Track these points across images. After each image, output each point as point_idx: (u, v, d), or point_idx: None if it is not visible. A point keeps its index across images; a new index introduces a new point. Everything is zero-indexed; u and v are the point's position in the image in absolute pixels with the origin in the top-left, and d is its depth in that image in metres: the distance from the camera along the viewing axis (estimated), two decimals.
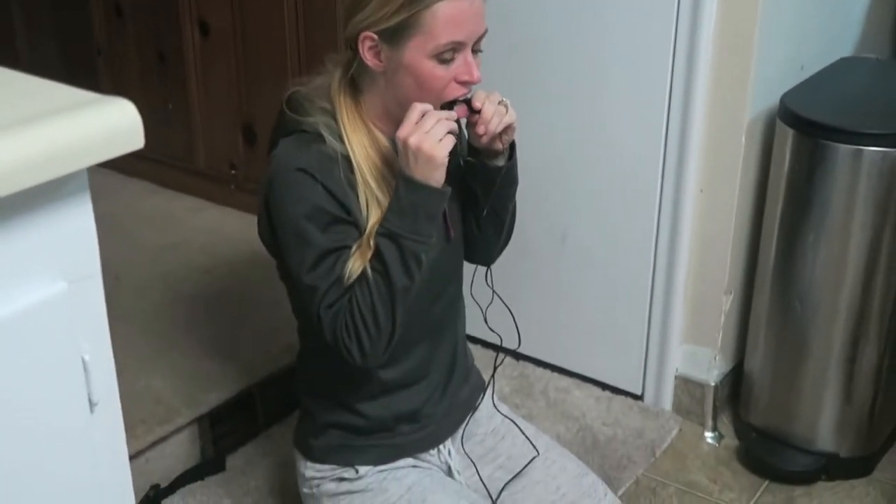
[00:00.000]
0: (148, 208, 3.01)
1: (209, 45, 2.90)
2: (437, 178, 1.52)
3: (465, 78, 1.55)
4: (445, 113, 1.53)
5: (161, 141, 3.00)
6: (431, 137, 1.49)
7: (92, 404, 1.04)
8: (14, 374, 0.97)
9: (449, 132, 1.51)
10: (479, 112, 1.57)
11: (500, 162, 1.68)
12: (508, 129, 1.61)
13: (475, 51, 1.57)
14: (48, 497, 1.04)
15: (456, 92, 1.56)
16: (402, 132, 1.50)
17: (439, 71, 1.54)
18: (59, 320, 0.99)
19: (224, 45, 2.86)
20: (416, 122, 1.50)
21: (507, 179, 1.71)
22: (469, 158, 1.69)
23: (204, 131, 3.02)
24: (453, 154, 1.57)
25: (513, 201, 1.78)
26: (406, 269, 1.53)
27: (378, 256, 1.53)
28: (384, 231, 1.53)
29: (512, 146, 1.68)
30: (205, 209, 3.02)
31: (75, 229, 0.99)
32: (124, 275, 2.58)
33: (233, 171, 3.00)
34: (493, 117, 1.57)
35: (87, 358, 1.02)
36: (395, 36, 1.53)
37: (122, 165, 3.15)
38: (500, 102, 1.58)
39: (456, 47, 1.53)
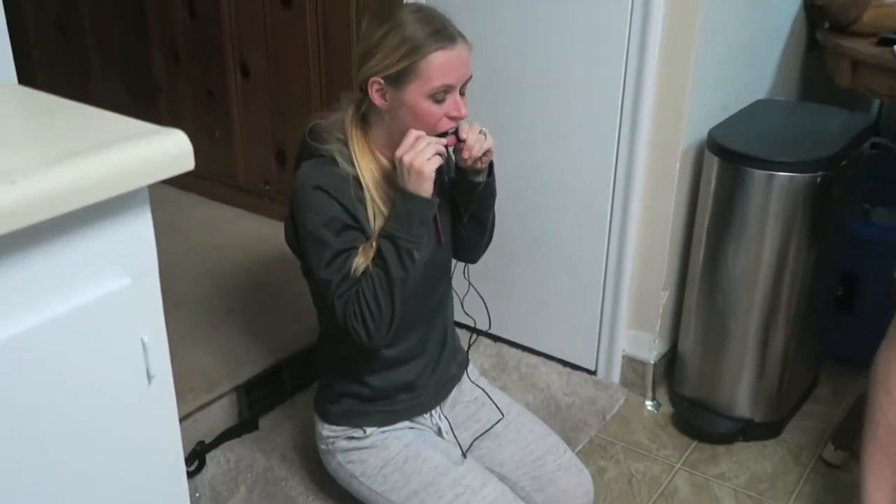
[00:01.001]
0: (198, 216, 3.01)
1: (249, 85, 2.90)
2: (426, 189, 1.53)
3: (454, 114, 1.57)
4: (435, 139, 1.54)
5: (209, 162, 3.00)
6: (422, 156, 1.51)
7: (150, 377, 1.04)
8: (86, 352, 0.98)
9: (437, 154, 1.53)
10: (464, 141, 1.58)
11: (482, 178, 1.69)
12: (487, 152, 1.63)
13: (462, 92, 1.59)
14: (112, 452, 1.04)
15: (447, 125, 1.57)
16: (399, 152, 1.53)
17: (433, 108, 1.55)
18: (124, 308, 1.00)
19: (261, 85, 2.87)
20: (411, 144, 1.52)
21: (487, 192, 1.73)
22: (453, 175, 1.71)
23: (244, 154, 3.02)
24: (441, 173, 1.58)
25: (492, 211, 1.79)
26: (402, 264, 1.54)
27: (379, 254, 1.55)
28: (384, 233, 1.55)
29: (490, 166, 1.69)
30: (244, 218, 3.02)
31: (137, 235, 1.00)
32: (178, 270, 2.57)
33: (266, 187, 3.00)
34: (475, 144, 1.59)
35: (146, 339, 1.03)
36: (397, 80, 1.54)
37: (178, 181, 3.14)
38: (480, 132, 1.60)
39: (447, 89, 1.54)
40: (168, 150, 0.97)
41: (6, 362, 0.90)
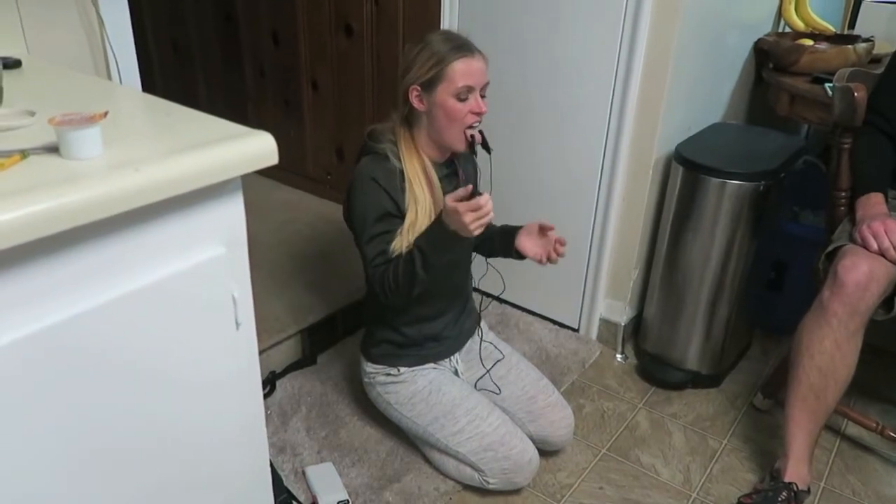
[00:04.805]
0: (276, 198, 2.99)
1: (318, 97, 2.87)
2: (460, 235, 1.45)
3: (476, 110, 1.54)
4: (485, 217, 1.42)
5: (285, 155, 2.95)
6: (478, 228, 1.42)
7: (238, 324, 1.04)
8: (191, 304, 0.97)
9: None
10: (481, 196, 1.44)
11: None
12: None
13: (482, 95, 1.55)
14: (208, 381, 1.03)
15: (471, 119, 1.54)
16: (463, 207, 1.39)
17: (459, 105, 1.52)
18: (219, 271, 0.99)
19: (327, 97, 2.84)
20: (476, 213, 1.40)
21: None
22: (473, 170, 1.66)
23: (312, 151, 2.99)
24: (470, 177, 1.55)
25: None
26: (424, 269, 1.50)
27: (410, 257, 1.51)
28: (419, 247, 1.51)
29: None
30: (310, 200, 3.00)
31: (232, 213, 0.99)
32: (260, 239, 2.56)
33: (329, 177, 2.98)
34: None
35: (235, 295, 1.02)
36: (430, 85, 1.52)
37: (261, 170, 3.13)
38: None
39: (469, 90, 1.52)
40: (257, 148, 0.96)
41: (129, 310, 0.89)
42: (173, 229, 0.91)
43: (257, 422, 1.14)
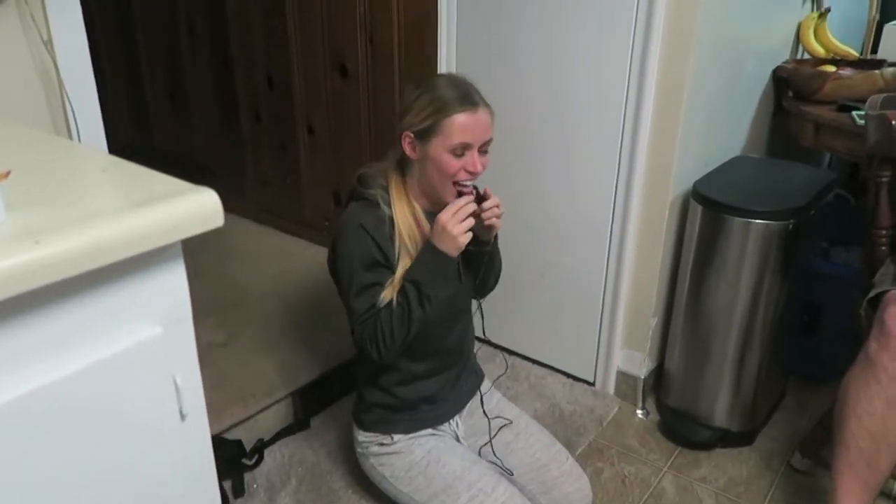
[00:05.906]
0: (270, 245, 2.84)
1: (314, 141, 2.75)
2: (452, 252, 1.38)
3: (471, 169, 1.40)
4: (469, 221, 1.38)
5: (281, 201, 2.86)
6: (459, 227, 1.37)
7: (183, 415, 0.87)
8: (121, 393, 0.81)
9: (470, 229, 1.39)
10: (486, 199, 1.42)
11: (488, 247, 1.52)
12: (492, 228, 1.47)
13: (484, 151, 1.41)
14: (148, 483, 0.87)
15: (463, 177, 1.41)
16: (443, 216, 1.37)
17: (453, 162, 1.39)
18: (155, 354, 0.83)
19: (322, 141, 2.71)
20: (454, 213, 1.36)
21: (491, 256, 1.55)
22: (470, 248, 1.48)
23: (309, 196, 2.86)
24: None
25: (494, 268, 1.60)
26: (420, 304, 1.38)
27: (403, 294, 1.39)
28: (409, 278, 1.39)
29: (495, 239, 1.53)
30: (308, 248, 2.85)
31: (171, 285, 0.83)
32: (251, 290, 2.41)
33: (326, 223, 2.83)
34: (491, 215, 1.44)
35: (178, 381, 0.85)
36: (424, 135, 1.38)
37: (255, 216, 2.99)
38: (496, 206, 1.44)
39: (466, 146, 1.38)
40: (198, 208, 0.80)
41: (46, 405, 0.74)
42: (92, 308, 0.76)
43: None
